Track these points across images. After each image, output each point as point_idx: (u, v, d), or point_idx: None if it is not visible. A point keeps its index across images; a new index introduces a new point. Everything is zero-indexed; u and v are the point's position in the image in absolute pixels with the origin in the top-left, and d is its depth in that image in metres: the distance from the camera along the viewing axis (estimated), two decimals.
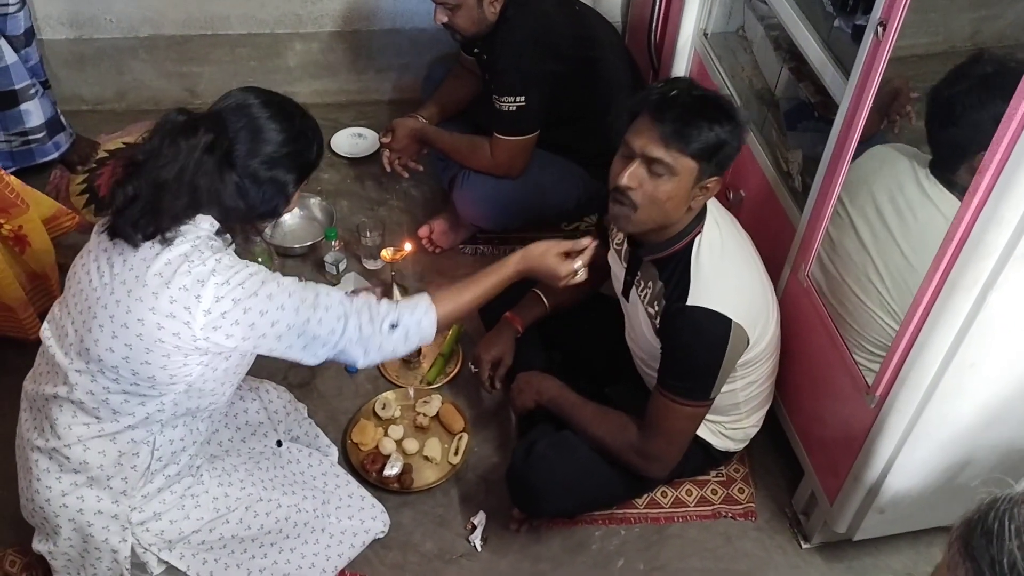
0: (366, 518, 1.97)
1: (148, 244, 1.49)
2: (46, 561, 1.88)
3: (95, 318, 1.51)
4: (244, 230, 1.64)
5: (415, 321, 1.64)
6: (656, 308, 1.81)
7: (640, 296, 1.86)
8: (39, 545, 1.73)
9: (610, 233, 1.97)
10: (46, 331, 1.62)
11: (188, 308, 1.46)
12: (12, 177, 2.11)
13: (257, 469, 1.84)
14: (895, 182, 1.76)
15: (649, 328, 1.84)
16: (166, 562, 1.70)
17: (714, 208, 1.83)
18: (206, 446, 1.77)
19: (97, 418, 1.58)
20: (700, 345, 1.74)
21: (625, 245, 1.91)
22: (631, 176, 1.67)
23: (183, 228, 1.51)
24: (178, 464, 1.68)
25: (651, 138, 1.65)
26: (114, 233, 1.51)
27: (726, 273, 1.77)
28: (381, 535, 2.00)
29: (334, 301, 1.57)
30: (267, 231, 2.70)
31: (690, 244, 1.76)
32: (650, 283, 1.83)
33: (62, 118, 2.74)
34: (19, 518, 1.87)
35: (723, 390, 1.83)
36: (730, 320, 1.71)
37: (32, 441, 1.64)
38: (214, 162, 1.49)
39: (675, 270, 1.77)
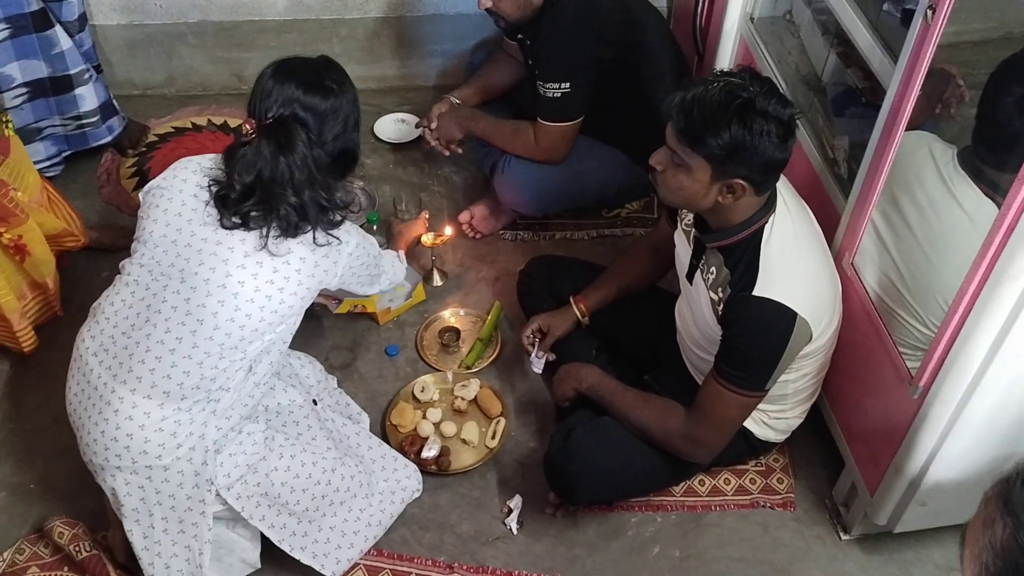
0: (401, 478, 2.02)
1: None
2: (93, 534, 1.94)
3: (244, 267, 1.66)
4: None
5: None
6: (721, 294, 1.79)
7: (704, 280, 1.85)
8: (111, 481, 1.71)
9: (679, 213, 1.97)
10: (143, 279, 1.71)
11: (339, 250, 1.76)
12: (17, 192, 2.16)
13: (297, 426, 1.90)
14: (915, 174, 1.73)
15: (711, 313, 1.83)
16: (223, 504, 1.75)
17: (789, 197, 1.81)
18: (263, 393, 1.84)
19: (221, 346, 1.67)
20: (762, 336, 1.72)
21: (693, 228, 1.90)
22: (657, 157, 1.74)
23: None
24: (253, 399, 1.78)
25: (671, 130, 1.69)
26: (287, 232, 1.69)
27: (795, 265, 1.74)
28: (417, 492, 2.04)
29: (387, 260, 2.07)
30: None
31: (758, 232, 1.74)
32: (714, 269, 1.81)
33: (115, 102, 2.79)
34: (68, 490, 1.93)
35: None
36: (795, 313, 1.69)
37: (114, 384, 1.67)
38: (314, 156, 1.70)
39: (742, 258, 1.75)
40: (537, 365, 2.19)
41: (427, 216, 2.47)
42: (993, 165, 1.62)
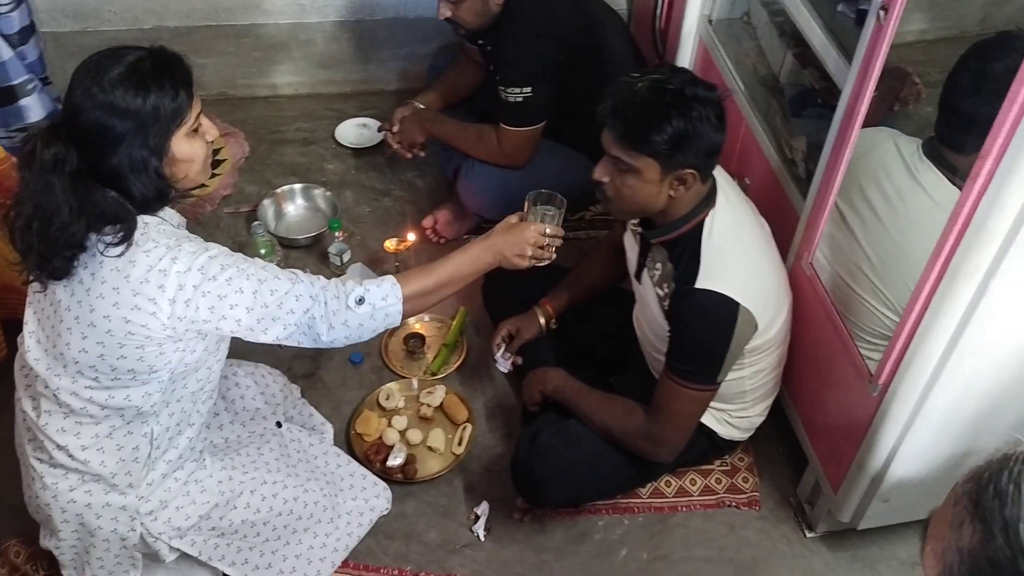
0: (370, 496, 1.99)
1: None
2: (51, 553, 1.90)
3: (62, 322, 1.50)
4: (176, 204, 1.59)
5: (380, 296, 1.60)
6: (666, 290, 1.80)
7: (651, 277, 1.86)
8: (46, 542, 1.75)
9: None
10: (23, 339, 1.60)
11: (153, 299, 1.45)
12: None
13: (259, 454, 1.85)
14: (882, 167, 1.75)
15: (659, 310, 1.84)
16: (178, 550, 1.72)
17: (730, 191, 1.82)
18: (206, 431, 1.78)
19: (91, 416, 1.58)
20: (707, 328, 1.74)
21: (639, 228, 1.91)
22: (601, 170, 1.74)
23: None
24: (178, 448, 1.68)
25: (610, 138, 1.70)
26: (39, 277, 1.48)
27: (736, 257, 1.76)
28: (386, 512, 2.02)
29: (297, 282, 1.54)
30: (271, 223, 2.71)
31: (699, 226, 1.76)
32: (659, 265, 1.83)
33: None
34: (24, 508, 1.88)
35: (730, 378, 1.83)
36: (738, 304, 1.70)
37: (29, 451, 1.66)
38: (68, 179, 1.42)
39: (684, 252, 1.76)
40: (503, 365, 2.19)
41: (546, 232, 1.83)
42: (954, 148, 1.64)
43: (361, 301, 1.58)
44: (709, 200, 1.76)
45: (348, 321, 1.57)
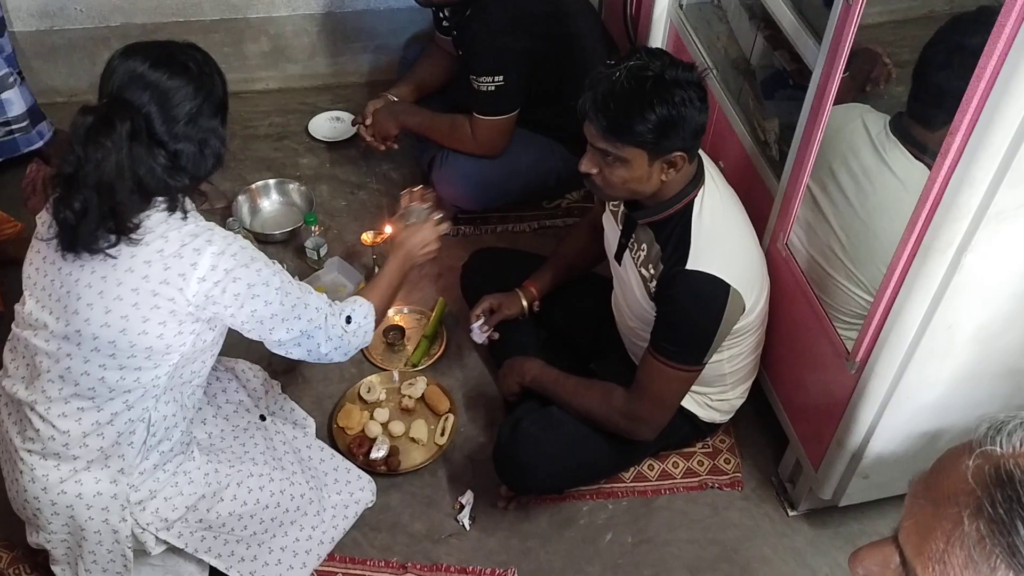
0: (355, 490, 1.99)
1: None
2: (34, 556, 1.89)
3: (80, 299, 1.50)
4: (194, 192, 1.63)
5: (363, 315, 1.77)
6: (652, 271, 1.80)
7: (634, 259, 1.86)
8: (35, 538, 1.73)
9: None
10: (24, 321, 1.60)
11: (183, 274, 1.49)
12: None
13: (243, 448, 1.85)
14: (849, 147, 1.76)
15: (643, 292, 1.84)
16: (165, 542, 1.71)
17: (713, 171, 1.83)
18: (190, 425, 1.77)
19: (92, 399, 1.57)
20: (698, 310, 1.74)
21: (621, 207, 1.90)
22: (588, 163, 1.73)
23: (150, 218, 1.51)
24: (171, 440, 1.68)
25: (593, 131, 1.68)
26: (72, 247, 1.49)
27: (726, 237, 1.77)
28: (370, 504, 2.02)
29: (309, 292, 1.67)
30: (246, 219, 2.69)
31: (688, 206, 1.75)
32: (644, 246, 1.83)
33: (40, 108, 2.71)
34: (4, 515, 1.87)
35: (710, 361, 1.84)
36: (729, 285, 1.71)
37: (17, 443, 1.64)
38: (143, 147, 1.47)
39: (673, 233, 1.76)
40: (479, 336, 2.19)
41: (437, 218, 2.04)
42: (925, 123, 1.64)
43: (349, 320, 1.75)
44: (697, 180, 1.76)
45: (343, 336, 1.73)
